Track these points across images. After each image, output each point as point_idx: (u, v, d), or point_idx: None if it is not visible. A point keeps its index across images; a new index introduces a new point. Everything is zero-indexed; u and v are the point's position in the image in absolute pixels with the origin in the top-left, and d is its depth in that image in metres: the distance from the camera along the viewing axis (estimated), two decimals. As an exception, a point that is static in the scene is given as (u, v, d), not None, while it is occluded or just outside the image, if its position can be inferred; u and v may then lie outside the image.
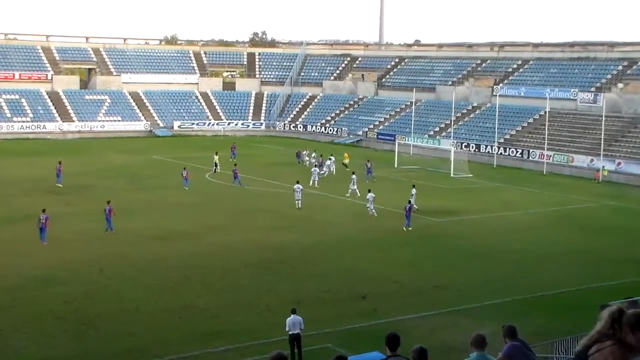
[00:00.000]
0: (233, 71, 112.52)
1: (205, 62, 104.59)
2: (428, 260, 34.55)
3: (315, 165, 57.42)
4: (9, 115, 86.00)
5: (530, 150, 68.88)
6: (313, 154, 65.24)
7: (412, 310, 26.79)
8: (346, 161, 64.58)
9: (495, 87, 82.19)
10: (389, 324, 24.72)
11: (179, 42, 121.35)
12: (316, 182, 53.32)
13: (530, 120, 75.18)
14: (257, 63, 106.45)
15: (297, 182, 46.47)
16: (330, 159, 61.60)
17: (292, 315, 22.17)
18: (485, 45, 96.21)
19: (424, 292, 29.48)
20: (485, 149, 72.42)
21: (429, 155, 72.05)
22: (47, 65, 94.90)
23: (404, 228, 39.99)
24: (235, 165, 56.26)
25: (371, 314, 26.40)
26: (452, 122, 76.12)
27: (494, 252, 36.24)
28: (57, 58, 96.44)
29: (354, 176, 51.00)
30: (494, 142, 71.16)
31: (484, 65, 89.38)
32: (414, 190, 45.57)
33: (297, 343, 21.83)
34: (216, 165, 59.45)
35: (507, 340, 9.68)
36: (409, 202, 41.56)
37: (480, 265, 33.65)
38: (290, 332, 21.89)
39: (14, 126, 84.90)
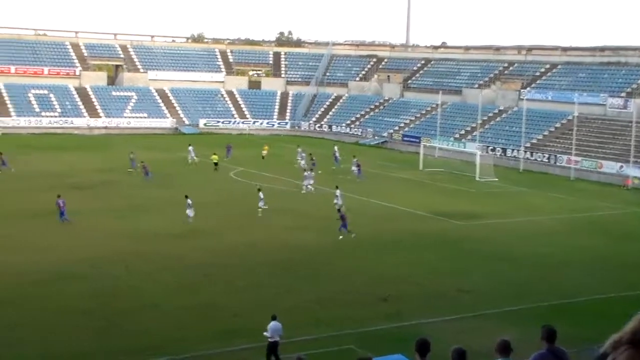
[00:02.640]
0: (259, 70, 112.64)
1: (231, 60, 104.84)
2: (451, 263, 34.22)
3: (304, 170, 55.96)
4: (37, 110, 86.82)
5: (558, 156, 68.14)
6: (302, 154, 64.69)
7: (434, 314, 26.50)
8: (264, 153, 67.10)
9: (522, 90, 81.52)
10: (412, 327, 24.54)
11: (206, 40, 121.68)
12: (307, 185, 51.41)
13: (558, 125, 74.41)
14: (282, 62, 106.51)
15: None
16: (354, 160, 60.77)
17: (272, 322, 21.52)
18: (512, 49, 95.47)
19: (447, 295, 29.19)
20: (512, 153, 71.79)
21: (454, 158, 71.55)
22: (76, 61, 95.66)
23: (352, 235, 37.69)
24: (142, 162, 55.84)
25: (393, 316, 26.16)
26: (478, 126, 75.59)
27: (518, 256, 35.83)
28: (85, 54, 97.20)
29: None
30: (521, 146, 70.51)
31: (511, 68, 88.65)
32: (338, 192, 44.79)
33: (274, 351, 21.31)
34: (216, 165, 59.60)
35: (545, 344, 9.38)
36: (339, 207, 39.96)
37: (504, 270, 33.27)
38: (270, 340, 21.26)
39: (42, 121, 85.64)
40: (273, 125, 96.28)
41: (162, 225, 38.96)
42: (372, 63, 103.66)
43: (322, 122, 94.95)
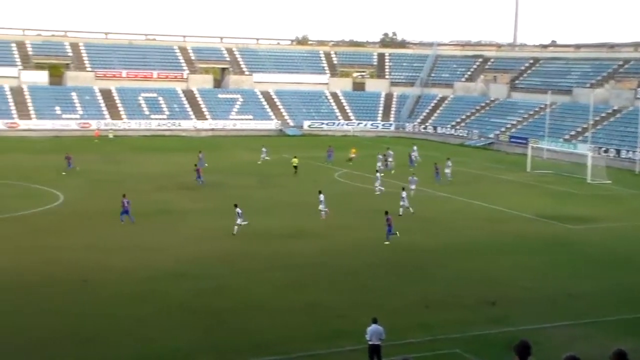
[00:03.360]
0: (363, 71, 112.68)
1: (335, 62, 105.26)
2: (561, 268, 33.06)
3: (377, 171, 54.49)
4: (147, 112, 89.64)
5: (677, 157, 64.92)
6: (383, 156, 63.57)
7: (544, 319, 25.61)
8: (352, 156, 65.72)
9: (639, 89, 78.21)
10: (520, 332, 23.71)
11: (310, 42, 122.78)
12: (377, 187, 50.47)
13: (678, 125, 70.88)
14: (387, 63, 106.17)
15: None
16: (447, 162, 58.85)
17: (372, 325, 21.13)
18: (628, 46, 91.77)
19: (557, 301, 28.18)
20: (626, 154, 68.96)
21: (563, 159, 69.27)
22: (183, 64, 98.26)
23: (385, 242, 36.20)
24: (195, 165, 55.31)
25: (501, 320, 25.45)
26: (590, 126, 72.97)
27: (634, 262, 34.28)
28: (193, 58, 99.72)
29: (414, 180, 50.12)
30: (637, 147, 67.60)
31: (626, 66, 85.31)
32: (404, 193, 43.49)
33: (376, 354, 20.92)
34: (295, 168, 59.03)
35: None
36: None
37: (618, 276, 31.86)
38: (370, 343, 20.95)
39: (151, 123, 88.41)
40: (377, 126, 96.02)
41: (269, 226, 39.29)
42: (478, 63, 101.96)
43: (427, 124, 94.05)
